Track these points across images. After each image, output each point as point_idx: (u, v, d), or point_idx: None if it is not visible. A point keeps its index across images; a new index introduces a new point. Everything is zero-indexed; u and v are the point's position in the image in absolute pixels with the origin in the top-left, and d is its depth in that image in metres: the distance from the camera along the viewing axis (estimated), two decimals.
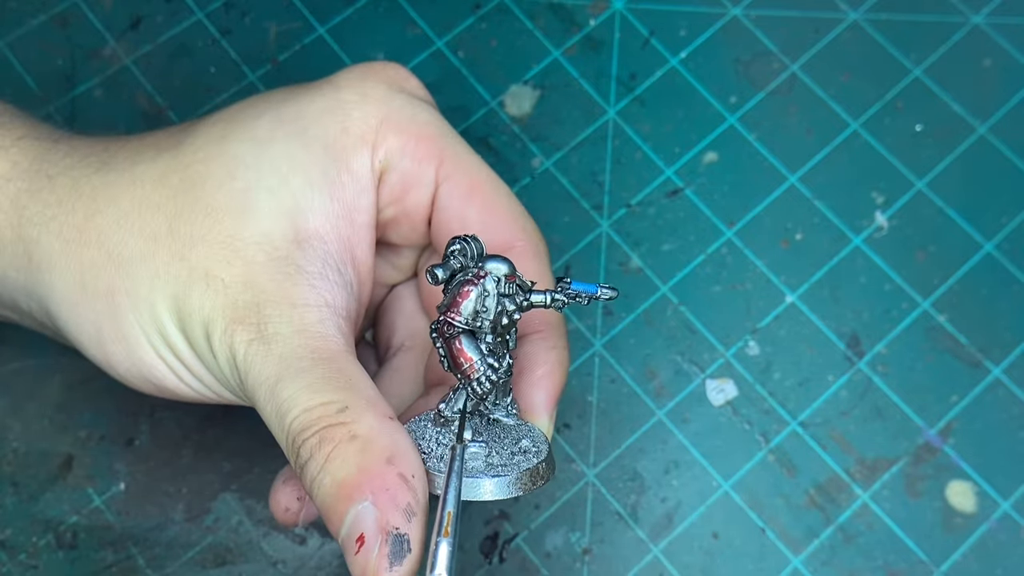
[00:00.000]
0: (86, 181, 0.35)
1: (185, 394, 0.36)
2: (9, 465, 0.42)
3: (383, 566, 0.29)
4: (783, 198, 0.46)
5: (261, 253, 0.33)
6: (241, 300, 0.33)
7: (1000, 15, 0.49)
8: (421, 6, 0.49)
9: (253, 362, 0.32)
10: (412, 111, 0.36)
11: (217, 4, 0.49)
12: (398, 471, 0.30)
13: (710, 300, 0.45)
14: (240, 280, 0.33)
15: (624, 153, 0.47)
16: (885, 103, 0.48)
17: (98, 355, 0.35)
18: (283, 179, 0.34)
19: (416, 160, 0.36)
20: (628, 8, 0.49)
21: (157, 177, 0.34)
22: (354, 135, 0.35)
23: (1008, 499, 0.42)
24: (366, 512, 0.30)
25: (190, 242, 0.33)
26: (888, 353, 0.44)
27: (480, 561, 0.41)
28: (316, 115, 0.35)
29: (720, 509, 0.42)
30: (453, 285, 0.32)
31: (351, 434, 0.30)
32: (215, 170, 0.34)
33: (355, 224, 0.35)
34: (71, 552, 0.41)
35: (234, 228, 0.33)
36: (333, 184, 0.35)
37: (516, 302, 0.32)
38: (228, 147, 0.34)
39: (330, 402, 0.31)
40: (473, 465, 0.32)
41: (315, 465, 0.30)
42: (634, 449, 0.43)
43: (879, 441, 0.43)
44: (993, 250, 0.45)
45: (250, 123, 0.35)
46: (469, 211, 0.36)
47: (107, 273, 0.34)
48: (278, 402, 0.31)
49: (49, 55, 0.47)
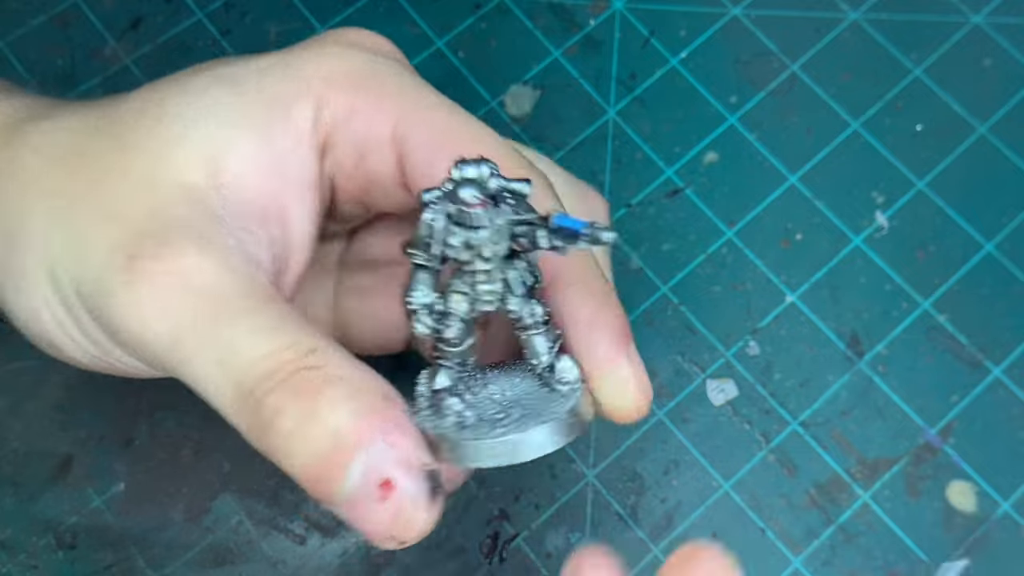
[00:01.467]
0: (19, 127, 0.32)
1: (77, 357, 0.32)
2: (8, 465, 0.42)
3: (423, 509, 0.26)
4: (783, 198, 0.46)
5: (175, 191, 0.29)
6: (148, 228, 0.29)
7: (1000, 15, 0.49)
8: (421, 6, 0.49)
9: (169, 298, 0.27)
10: (370, 68, 0.33)
11: (217, 4, 0.49)
12: (400, 407, 0.27)
13: (710, 300, 0.45)
14: (146, 211, 0.29)
15: (624, 153, 0.47)
16: (885, 103, 0.48)
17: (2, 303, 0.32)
18: (209, 125, 0.31)
19: (367, 120, 0.32)
20: (628, 8, 0.49)
21: (85, 126, 0.32)
22: (295, 87, 0.32)
23: (1008, 499, 0.42)
24: (382, 454, 0.26)
25: (99, 181, 0.30)
26: (888, 353, 0.44)
27: (480, 561, 0.41)
28: (257, 70, 0.32)
29: (720, 509, 0.42)
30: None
31: (334, 376, 0.26)
32: (141, 119, 0.31)
33: (287, 179, 0.31)
34: (71, 552, 0.41)
35: (148, 167, 0.30)
36: (263, 133, 0.31)
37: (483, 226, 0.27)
38: (159, 98, 0.32)
39: (295, 343, 0.27)
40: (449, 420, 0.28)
41: (290, 420, 0.26)
42: (634, 449, 0.43)
43: (879, 441, 0.43)
44: (994, 250, 0.45)
45: (186, 79, 0.32)
46: (439, 162, 0.31)
47: (12, 208, 0.31)
48: (218, 347, 0.27)
49: (49, 55, 0.47)
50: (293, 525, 0.41)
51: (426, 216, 0.27)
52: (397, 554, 0.41)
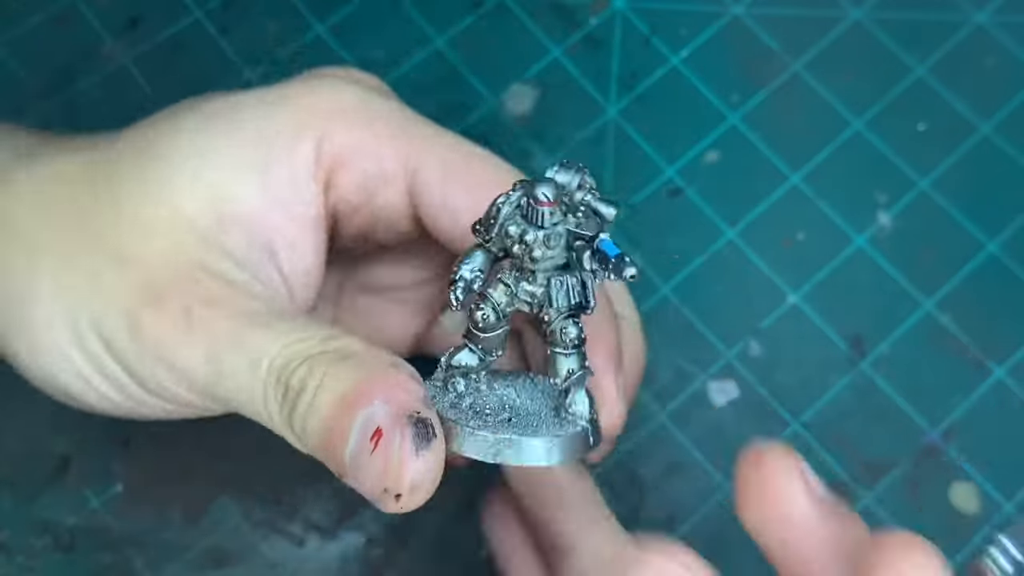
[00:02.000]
0: (6, 168, 0.33)
1: (95, 404, 0.33)
2: (6, 466, 0.41)
3: (408, 453, 0.26)
4: (785, 198, 0.46)
5: (184, 234, 0.30)
6: (163, 277, 0.30)
7: (1003, 14, 0.49)
8: (421, 4, 0.49)
9: (199, 328, 0.29)
10: (366, 102, 0.33)
11: (216, 2, 0.49)
12: (407, 372, 0.28)
13: (711, 300, 0.45)
14: (159, 254, 0.30)
15: (624, 153, 0.47)
16: (888, 102, 0.47)
17: (5, 351, 0.33)
18: (209, 165, 0.31)
19: (375, 158, 0.33)
20: (629, 7, 0.49)
21: (77, 170, 0.32)
22: (294, 123, 0.32)
23: (1011, 500, 0.42)
24: (377, 410, 0.26)
25: (104, 229, 0.31)
26: (891, 354, 0.44)
27: (480, 562, 0.41)
28: (253, 106, 0.32)
29: (721, 511, 0.42)
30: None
31: (345, 353, 0.27)
32: (137, 161, 0.32)
33: (292, 214, 0.32)
34: (69, 554, 0.40)
35: (153, 212, 0.30)
36: (264, 172, 0.31)
37: (546, 226, 0.27)
38: (152, 139, 0.32)
39: (311, 336, 0.28)
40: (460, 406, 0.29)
41: (308, 395, 0.27)
42: (635, 450, 0.43)
43: (882, 442, 0.43)
44: (997, 250, 0.45)
45: (180, 117, 0.32)
46: (453, 194, 0.32)
47: (14, 271, 0.31)
48: (248, 352, 0.28)
49: (47, 54, 0.47)
50: (292, 527, 0.41)
51: (499, 198, 0.28)
52: (397, 555, 0.41)
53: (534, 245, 0.27)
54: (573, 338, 0.29)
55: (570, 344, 0.29)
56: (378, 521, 0.41)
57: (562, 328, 0.29)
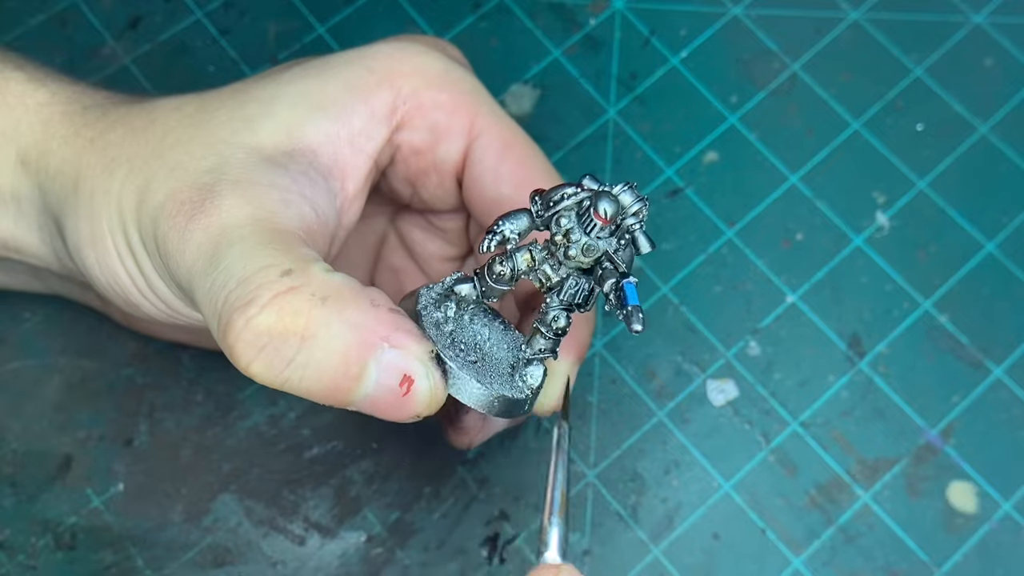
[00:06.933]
0: (114, 109, 0.35)
1: (149, 312, 0.34)
2: (8, 465, 0.42)
3: (442, 387, 0.29)
4: (784, 198, 0.46)
5: (243, 151, 0.32)
6: (200, 182, 0.31)
7: (1001, 14, 0.49)
8: (421, 5, 0.49)
9: (191, 239, 0.30)
10: (446, 67, 0.36)
11: (216, 3, 0.49)
12: (388, 307, 0.29)
13: (711, 300, 0.45)
14: (207, 167, 0.31)
15: (624, 153, 0.47)
16: (886, 103, 0.48)
17: (79, 262, 0.34)
18: (295, 106, 0.34)
19: (447, 113, 0.36)
20: (628, 7, 0.49)
21: (174, 107, 0.34)
22: (378, 77, 0.35)
23: (1009, 500, 0.42)
24: (392, 356, 0.28)
25: (174, 145, 0.33)
26: (889, 353, 0.44)
27: (480, 561, 0.41)
28: (342, 62, 0.35)
29: (721, 510, 0.42)
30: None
31: (318, 298, 0.28)
32: (233, 96, 0.34)
33: (356, 149, 0.34)
34: (70, 553, 0.41)
35: (225, 135, 0.33)
36: (344, 111, 0.34)
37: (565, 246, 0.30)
38: (252, 84, 0.35)
39: (269, 265, 0.28)
40: (462, 359, 0.31)
41: (290, 348, 0.28)
42: (634, 449, 0.43)
43: (880, 441, 0.43)
44: (994, 250, 0.45)
45: (278, 72, 0.36)
46: (503, 167, 0.36)
47: (95, 174, 0.33)
48: (210, 282, 0.29)
49: (48, 55, 0.47)
50: (292, 526, 0.41)
51: (569, 189, 0.30)
52: (397, 554, 0.41)
53: (573, 246, 0.30)
54: (561, 327, 0.32)
55: (556, 331, 0.32)
56: (378, 521, 0.41)
57: (555, 315, 0.32)
